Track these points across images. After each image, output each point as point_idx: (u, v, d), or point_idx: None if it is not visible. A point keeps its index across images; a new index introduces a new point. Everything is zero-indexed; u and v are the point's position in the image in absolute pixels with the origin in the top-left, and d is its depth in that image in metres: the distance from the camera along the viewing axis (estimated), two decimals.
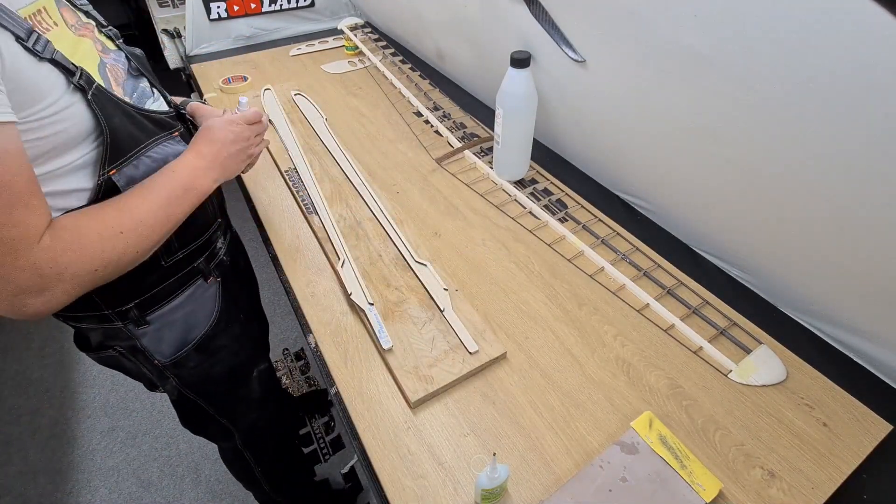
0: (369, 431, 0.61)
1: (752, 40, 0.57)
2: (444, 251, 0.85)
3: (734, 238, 0.79)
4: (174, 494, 1.41)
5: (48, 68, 0.50)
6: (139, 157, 0.61)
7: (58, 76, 0.51)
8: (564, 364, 0.68)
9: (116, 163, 0.58)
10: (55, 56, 0.51)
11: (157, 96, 0.70)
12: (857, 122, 0.52)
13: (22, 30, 0.47)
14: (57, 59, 0.51)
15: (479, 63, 1.20)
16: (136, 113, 0.61)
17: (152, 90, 0.70)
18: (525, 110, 0.90)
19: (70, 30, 0.58)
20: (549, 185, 1.00)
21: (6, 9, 0.47)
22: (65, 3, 0.61)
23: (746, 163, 0.68)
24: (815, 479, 0.57)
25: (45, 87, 0.49)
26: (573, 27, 0.82)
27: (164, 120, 0.66)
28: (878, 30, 0.45)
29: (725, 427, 0.62)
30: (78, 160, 0.55)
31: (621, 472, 0.55)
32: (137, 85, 0.66)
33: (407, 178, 1.02)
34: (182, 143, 0.68)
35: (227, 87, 1.32)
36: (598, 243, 0.86)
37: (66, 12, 0.59)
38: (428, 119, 1.19)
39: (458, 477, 0.57)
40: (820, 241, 0.65)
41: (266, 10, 1.61)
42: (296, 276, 0.81)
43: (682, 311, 0.75)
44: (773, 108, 0.59)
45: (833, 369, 0.68)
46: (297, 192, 0.96)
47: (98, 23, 0.67)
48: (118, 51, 0.67)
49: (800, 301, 0.74)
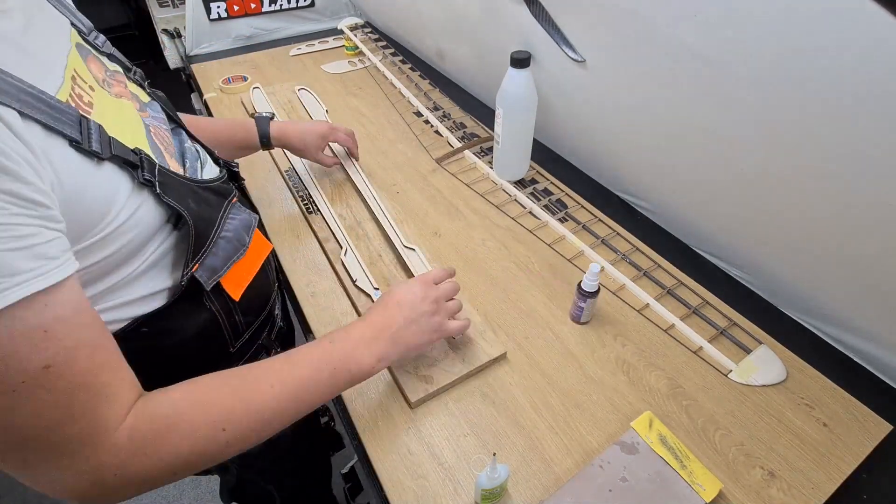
0: (369, 431, 0.61)
1: (752, 40, 0.57)
2: (444, 251, 0.85)
3: (734, 238, 0.79)
4: (174, 494, 1.41)
5: (110, 169, 0.40)
6: (216, 242, 0.52)
7: (121, 175, 0.41)
8: (564, 364, 0.68)
9: (199, 255, 0.49)
10: (114, 149, 0.40)
11: (203, 155, 0.61)
12: (857, 122, 0.52)
13: (73, 126, 0.37)
14: (117, 153, 0.41)
15: (479, 63, 1.20)
16: (199, 189, 0.52)
17: (195, 147, 0.60)
18: (525, 110, 0.90)
19: (105, 89, 0.47)
20: (549, 185, 1.00)
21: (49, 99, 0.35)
22: (88, 51, 0.48)
23: (746, 162, 0.68)
24: (815, 479, 0.57)
25: (109, 195, 0.40)
26: (573, 27, 0.82)
27: (222, 188, 0.57)
28: (878, 30, 0.45)
29: (725, 427, 0.62)
30: (148, 259, 0.46)
31: (621, 472, 0.55)
32: (182, 145, 0.57)
33: (407, 178, 1.02)
34: (243, 209, 0.59)
35: (227, 87, 1.32)
36: (598, 243, 0.86)
37: (92, 64, 0.47)
38: (428, 119, 1.19)
39: (458, 477, 0.57)
40: (820, 241, 0.65)
41: (266, 10, 1.61)
42: (296, 276, 0.81)
43: (682, 311, 0.75)
44: (772, 107, 0.59)
45: (833, 369, 0.68)
46: (297, 192, 0.96)
47: (125, 66, 0.55)
48: (152, 101, 0.56)
49: (800, 301, 0.74)
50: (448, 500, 0.55)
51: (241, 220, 0.57)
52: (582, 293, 0.69)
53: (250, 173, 1.02)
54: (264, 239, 0.63)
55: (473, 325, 0.71)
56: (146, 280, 0.47)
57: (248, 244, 0.57)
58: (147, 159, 0.44)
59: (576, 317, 0.73)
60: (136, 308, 0.47)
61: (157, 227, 0.46)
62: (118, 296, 0.45)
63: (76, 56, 0.45)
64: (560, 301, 0.77)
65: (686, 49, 0.65)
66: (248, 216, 0.59)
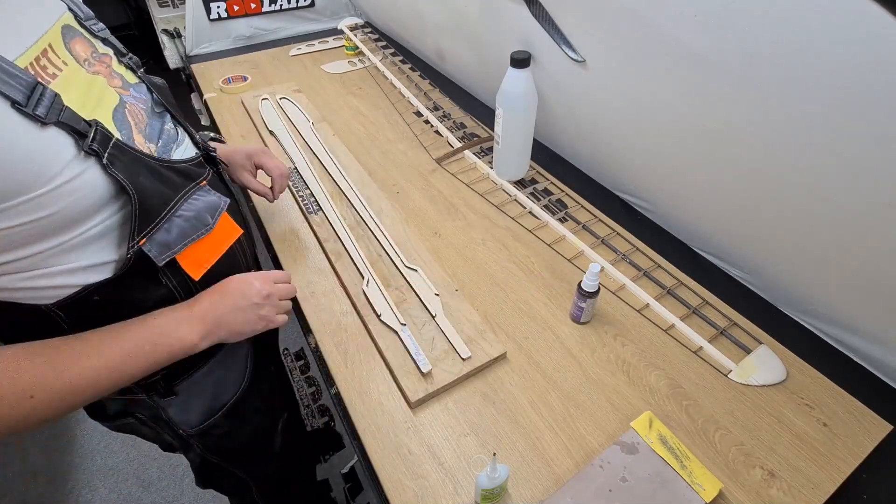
0: (369, 431, 0.61)
1: (752, 40, 0.57)
2: (444, 251, 0.85)
3: (734, 238, 0.79)
4: (174, 494, 1.41)
5: (54, 133, 0.42)
6: (170, 219, 0.52)
7: (65, 141, 0.43)
8: (564, 364, 0.68)
9: (147, 230, 0.49)
10: (62, 116, 0.42)
11: (182, 137, 0.62)
12: (857, 122, 0.52)
13: (20, 90, 0.40)
14: (65, 121, 0.42)
15: (479, 63, 1.20)
16: (161, 167, 0.53)
17: (177, 129, 0.62)
18: (525, 110, 0.90)
19: (83, 66, 0.50)
20: (549, 185, 1.00)
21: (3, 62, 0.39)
22: (77, 33, 0.52)
23: (746, 162, 0.68)
24: (815, 479, 0.57)
25: (48, 158, 0.42)
26: (573, 27, 0.82)
27: (190, 169, 0.58)
28: (878, 30, 0.45)
29: (725, 427, 0.62)
30: (93, 228, 0.47)
31: (621, 472, 0.55)
32: (162, 127, 0.59)
33: (407, 178, 1.02)
34: (212, 192, 0.60)
35: (227, 87, 1.32)
36: (598, 243, 0.86)
37: (77, 45, 0.51)
38: (428, 119, 1.19)
39: (458, 477, 0.57)
40: (820, 241, 0.65)
41: (266, 10, 1.61)
42: (296, 276, 0.81)
43: (682, 311, 0.75)
44: (772, 107, 0.59)
45: (833, 369, 0.68)
46: (297, 192, 0.96)
47: (118, 51, 0.59)
48: (139, 83, 0.59)
49: (800, 301, 0.74)
50: (448, 500, 0.55)
51: (208, 201, 0.58)
52: (582, 293, 0.69)
53: None
54: (233, 223, 0.63)
55: (473, 325, 0.71)
56: (95, 249, 0.48)
57: (211, 225, 0.58)
58: (102, 131, 0.46)
59: (576, 317, 0.73)
60: (85, 276, 0.48)
61: (104, 198, 0.46)
62: (64, 260, 0.46)
63: (56, 34, 0.49)
64: (560, 301, 0.77)
65: (686, 49, 0.65)
66: (216, 199, 0.59)
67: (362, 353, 0.69)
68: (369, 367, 0.68)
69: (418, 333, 0.70)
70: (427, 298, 0.75)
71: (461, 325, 0.71)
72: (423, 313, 0.73)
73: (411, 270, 0.79)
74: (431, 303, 0.74)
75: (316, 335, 0.72)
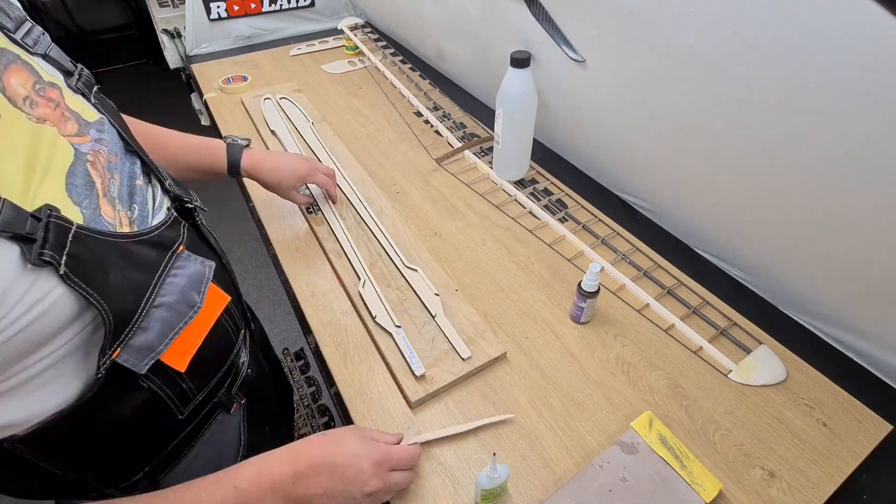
0: None
1: (752, 40, 0.57)
2: (444, 251, 0.85)
3: (734, 238, 0.79)
4: None
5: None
6: (148, 313, 0.41)
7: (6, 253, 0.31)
8: (564, 364, 0.68)
9: (120, 339, 0.38)
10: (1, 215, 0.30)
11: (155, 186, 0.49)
12: (857, 121, 0.52)
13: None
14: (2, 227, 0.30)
15: (479, 63, 1.20)
16: (133, 244, 0.41)
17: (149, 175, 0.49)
18: (525, 110, 0.90)
19: (23, 109, 0.36)
20: (549, 185, 1.00)
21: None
22: (12, 58, 0.38)
23: (746, 162, 0.68)
24: (815, 479, 0.57)
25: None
26: (573, 27, 0.82)
27: (163, 235, 0.45)
28: (878, 30, 0.45)
29: (725, 427, 0.62)
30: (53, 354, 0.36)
31: (621, 472, 0.55)
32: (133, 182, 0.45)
33: (407, 178, 1.02)
34: (192, 257, 0.48)
35: (227, 88, 1.32)
36: (598, 243, 0.86)
37: (14, 76, 0.37)
38: (428, 119, 1.19)
39: (458, 477, 0.57)
40: (820, 241, 0.65)
41: (266, 10, 1.61)
42: (296, 276, 0.81)
43: (682, 311, 0.75)
44: (772, 107, 0.59)
45: (833, 369, 0.68)
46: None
47: (64, 70, 0.44)
48: (100, 118, 0.45)
49: (800, 301, 0.74)
50: (448, 500, 0.55)
51: (190, 274, 0.46)
52: (582, 293, 0.69)
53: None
54: (220, 291, 0.52)
55: (473, 325, 0.71)
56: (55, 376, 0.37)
57: (199, 304, 0.46)
58: (56, 223, 0.33)
59: (576, 317, 0.73)
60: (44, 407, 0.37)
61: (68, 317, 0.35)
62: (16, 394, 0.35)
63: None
64: (560, 301, 0.77)
65: (686, 49, 0.65)
66: (199, 267, 0.47)
67: (362, 353, 0.69)
68: (369, 367, 0.68)
69: (418, 334, 0.70)
70: (427, 298, 0.75)
71: (461, 325, 0.71)
72: (423, 313, 0.73)
73: (411, 270, 0.79)
74: (431, 303, 0.74)
75: (316, 335, 0.72)
